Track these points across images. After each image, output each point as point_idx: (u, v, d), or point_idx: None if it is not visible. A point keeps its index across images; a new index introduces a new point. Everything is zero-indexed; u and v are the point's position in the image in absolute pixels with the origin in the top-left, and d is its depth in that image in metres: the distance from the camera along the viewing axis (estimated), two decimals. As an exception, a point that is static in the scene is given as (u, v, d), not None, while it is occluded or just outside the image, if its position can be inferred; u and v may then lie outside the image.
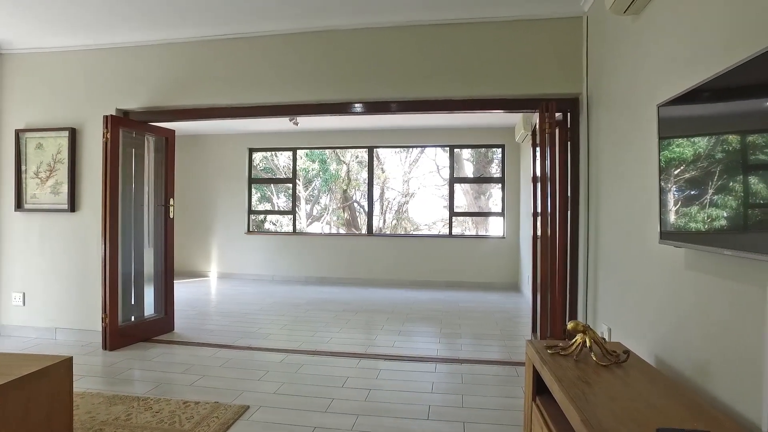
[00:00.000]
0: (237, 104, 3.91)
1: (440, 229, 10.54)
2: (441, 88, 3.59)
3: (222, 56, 3.92)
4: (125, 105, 4.09)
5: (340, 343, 4.15)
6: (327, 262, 7.84)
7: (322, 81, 3.76)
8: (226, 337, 4.32)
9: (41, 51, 4.25)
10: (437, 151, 10.57)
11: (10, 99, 4.33)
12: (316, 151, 10.53)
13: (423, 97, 3.64)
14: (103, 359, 3.66)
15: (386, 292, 6.81)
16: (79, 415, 2.64)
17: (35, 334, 4.27)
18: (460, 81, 3.56)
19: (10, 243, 4.33)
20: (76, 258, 4.18)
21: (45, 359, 2.24)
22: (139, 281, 4.32)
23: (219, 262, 8.25)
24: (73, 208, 4.15)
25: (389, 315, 5.32)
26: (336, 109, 3.85)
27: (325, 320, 5.04)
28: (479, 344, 4.16)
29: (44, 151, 4.22)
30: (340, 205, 11.31)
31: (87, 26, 3.76)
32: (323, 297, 6.42)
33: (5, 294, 4.36)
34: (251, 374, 3.34)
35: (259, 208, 10.70)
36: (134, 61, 4.08)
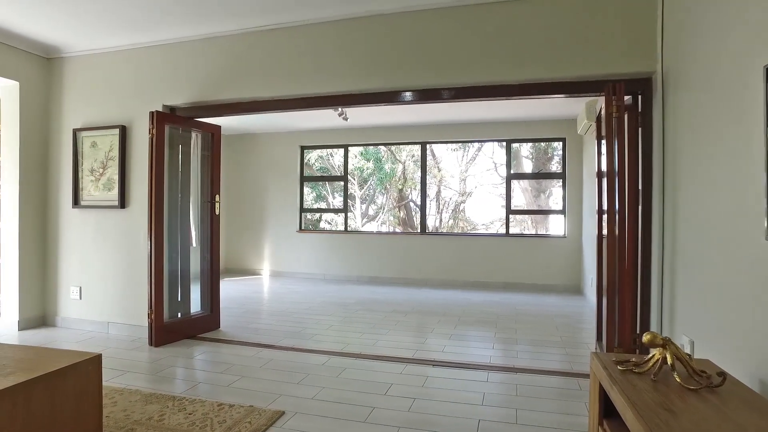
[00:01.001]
0: (279, 96, 3.80)
1: (498, 229, 10.12)
2: (494, 72, 3.29)
3: (263, 48, 3.81)
4: (171, 101, 4.08)
5: (387, 346, 3.93)
6: (379, 261, 7.67)
7: (366, 69, 3.56)
8: (271, 336, 4.22)
9: (96, 52, 4.33)
10: (494, 148, 10.16)
11: (69, 100, 4.45)
12: (370, 150, 10.42)
13: (475, 83, 3.36)
14: (148, 355, 3.65)
15: (439, 293, 6.54)
16: (115, 412, 2.58)
17: (90, 328, 4.35)
18: (515, 63, 3.25)
19: (68, 238, 4.45)
20: (126, 254, 4.22)
21: (74, 355, 2.17)
22: (186, 278, 4.31)
23: (271, 260, 8.28)
24: (123, 205, 4.20)
25: (441, 317, 5.05)
26: (382, 98, 3.63)
27: (373, 321, 4.85)
28: (537, 352, 3.82)
29: (98, 149, 4.29)
30: (395, 204, 11.13)
31: (136, 25, 3.77)
32: (374, 297, 6.24)
33: (64, 288, 4.48)
34: (291, 377, 3.19)
35: (315, 206, 10.72)
36: (179, 56, 4.06)
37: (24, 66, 4.33)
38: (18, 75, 4.29)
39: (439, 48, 3.39)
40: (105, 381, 3.08)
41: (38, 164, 4.48)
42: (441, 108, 6.32)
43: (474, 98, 3.47)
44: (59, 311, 4.50)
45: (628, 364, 1.58)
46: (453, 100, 3.55)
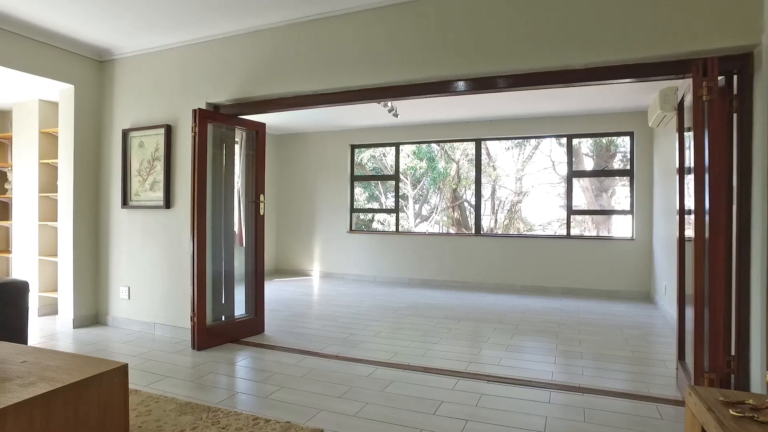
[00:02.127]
0: (323, 90, 3.60)
1: (556, 230, 9.56)
2: (555, 55, 2.93)
3: (307, 40, 3.63)
4: (215, 98, 3.98)
5: (438, 357, 3.65)
6: (431, 263, 7.38)
7: (414, 58, 3.29)
8: (315, 342, 4.04)
9: (144, 52, 4.32)
10: (552, 145, 9.61)
11: (119, 100, 4.48)
12: (423, 149, 10.14)
13: (534, 69, 3.01)
14: (189, 359, 3.55)
15: (494, 298, 6.16)
16: (148, 422, 2.46)
17: (138, 328, 4.34)
18: (579, 45, 2.87)
19: (118, 239, 4.47)
20: (171, 255, 4.17)
21: (99, 364, 2.05)
22: (230, 280, 4.21)
23: (321, 261, 8.17)
24: (168, 205, 4.15)
25: (496, 325, 4.70)
26: (432, 89, 3.35)
27: (423, 328, 4.57)
28: (605, 368, 3.41)
29: (145, 149, 4.27)
30: (449, 204, 10.81)
31: (182, 22, 3.70)
32: (425, 301, 5.95)
33: (114, 287, 4.50)
34: (333, 389, 2.97)
35: (368, 206, 10.57)
36: (223, 53, 3.96)
37: (79, 69, 4.39)
38: (73, 78, 4.35)
39: (495, 31, 3.07)
40: (144, 386, 2.99)
41: (91, 165, 4.53)
42: (496, 102, 5.95)
43: (533, 86, 3.13)
44: (110, 310, 4.53)
45: (744, 407, 1.23)
46: (510, 89, 3.21)
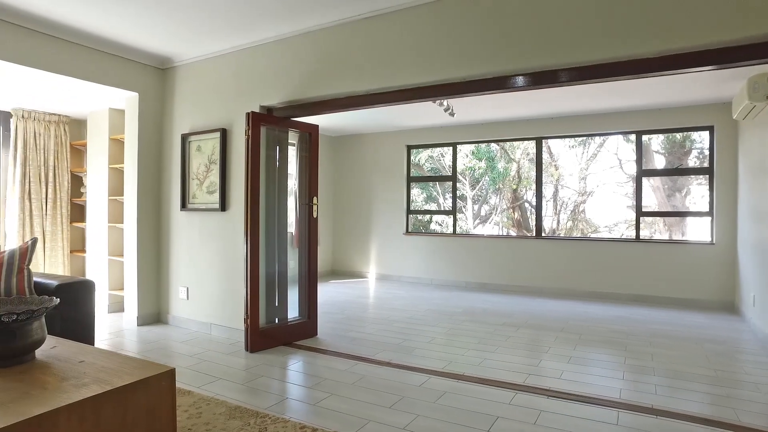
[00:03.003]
0: (376, 90, 3.51)
1: (623, 232, 8.99)
2: (624, 44, 2.68)
3: (359, 39, 3.55)
4: (268, 101, 4.00)
5: (495, 368, 3.46)
6: (489, 266, 7.13)
7: (470, 54, 3.13)
8: (368, 347, 3.96)
9: (201, 58, 4.42)
10: (619, 142, 9.04)
11: (179, 106, 4.61)
12: (482, 148, 9.88)
13: (599, 60, 2.77)
14: (242, 361, 3.57)
15: (556, 305, 5.85)
16: (198, 425, 2.46)
17: (195, 328, 4.45)
18: (651, 31, 2.60)
19: (177, 240, 4.61)
20: (226, 257, 4.24)
21: (148, 368, 2.05)
22: (283, 283, 4.21)
23: (377, 263, 8.12)
24: (223, 208, 4.22)
25: (558, 334, 4.43)
26: (488, 85, 3.18)
27: (480, 335, 4.38)
28: (682, 388, 3.09)
29: (202, 152, 4.37)
30: (509, 205, 10.47)
31: (236, 28, 3.74)
32: (483, 306, 5.74)
33: (174, 288, 4.64)
34: (383, 399, 2.87)
35: (425, 208, 10.43)
36: (275, 55, 3.97)
37: (143, 78, 4.56)
38: (137, 86, 4.53)
39: (555, 20, 2.86)
40: (197, 387, 3.02)
41: (153, 169, 4.70)
42: (557, 98, 5.64)
43: (598, 79, 2.87)
44: (170, 310, 4.68)
45: None
46: (572, 83, 2.98)
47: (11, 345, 2.05)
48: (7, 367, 2.06)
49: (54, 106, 5.08)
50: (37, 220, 5.22)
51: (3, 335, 2.04)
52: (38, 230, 5.22)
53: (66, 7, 3.38)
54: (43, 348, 2.33)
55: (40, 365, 2.10)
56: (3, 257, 3.29)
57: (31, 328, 2.12)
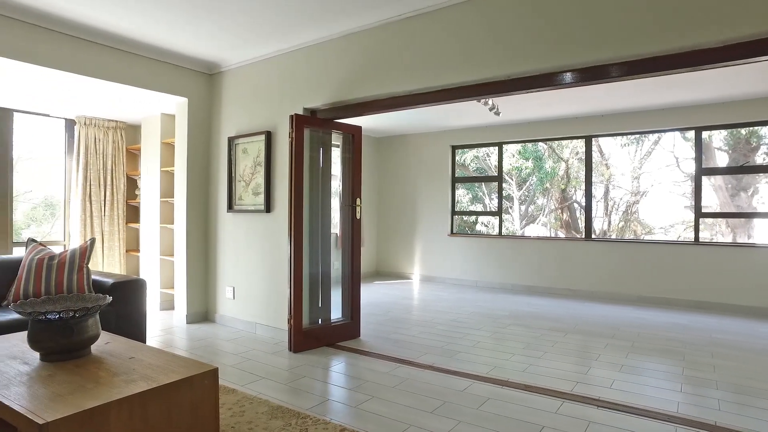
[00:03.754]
0: (419, 90, 3.47)
1: (681, 234, 8.54)
2: (681, 34, 2.52)
3: (400, 39, 3.53)
4: (311, 103, 4.03)
5: (541, 374, 3.35)
6: (536, 268, 6.94)
7: (514, 50, 3.04)
8: (411, 350, 3.92)
9: (247, 63, 4.52)
10: (676, 139, 8.61)
11: (226, 109, 4.74)
12: (529, 148, 9.66)
13: (655, 53, 2.62)
14: (285, 361, 3.61)
15: (607, 309, 5.61)
16: (241, 424, 2.50)
17: (241, 327, 4.55)
18: (712, 17, 2.44)
19: (224, 241, 4.73)
20: (271, 258, 4.31)
21: (192, 367, 2.10)
22: (327, 284, 4.23)
23: (422, 264, 8.06)
24: (268, 209, 4.29)
25: (609, 340, 4.24)
26: (535, 82, 3.07)
27: (526, 340, 4.26)
28: (750, 405, 2.88)
29: (248, 155, 4.46)
30: (558, 205, 10.17)
31: (279, 31, 3.80)
32: (529, 310, 5.58)
33: (221, 287, 4.77)
34: (425, 403, 2.83)
35: (471, 209, 10.29)
36: (318, 58, 4.00)
37: (192, 83, 4.72)
38: (187, 92, 4.68)
39: (605, 12, 2.73)
40: (241, 386, 3.08)
41: (201, 171, 4.85)
42: (608, 95, 5.41)
43: (652, 72, 2.72)
44: (217, 309, 4.81)
45: None
46: (625, 78, 2.83)
47: (69, 340, 2.15)
48: (66, 361, 2.17)
49: (112, 113, 5.33)
50: (97, 221, 5.49)
51: (62, 331, 2.14)
52: (97, 230, 5.50)
53: (127, 20, 3.54)
54: (98, 343, 2.44)
55: (94, 360, 2.19)
56: (65, 256, 3.48)
57: (86, 324, 2.22)
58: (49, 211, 7.77)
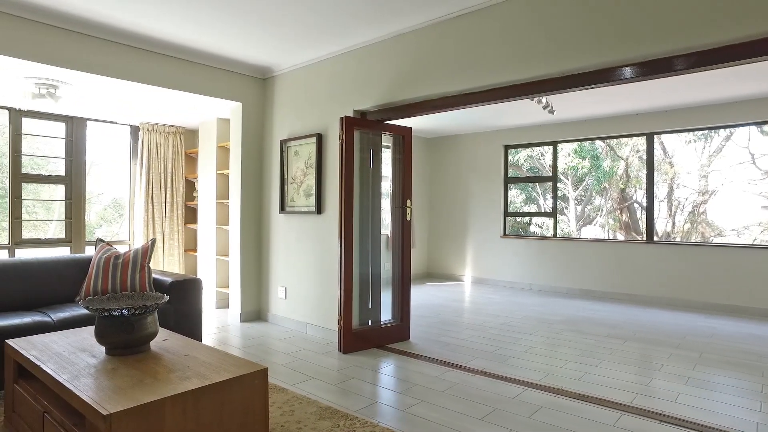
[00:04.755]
0: (470, 89, 3.40)
1: (756, 237, 7.95)
2: (756, 20, 2.33)
3: (450, 38, 3.47)
4: (361, 105, 4.05)
5: (597, 383, 3.20)
6: (593, 272, 6.66)
7: (568, 46, 2.92)
8: (461, 354, 3.86)
9: (298, 66, 4.60)
10: (752, 134, 8.02)
11: (278, 113, 4.84)
12: (586, 146, 9.31)
13: (726, 41, 2.43)
14: (335, 362, 3.64)
15: (670, 317, 5.30)
16: (290, 423, 2.53)
17: (292, 326, 4.63)
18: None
19: (276, 242, 4.83)
20: (322, 258, 4.36)
21: (243, 366, 2.15)
22: (377, 285, 4.24)
23: (473, 266, 7.93)
24: (319, 210, 4.34)
25: (673, 350, 4.00)
26: (591, 78, 2.93)
27: (582, 346, 4.09)
28: (834, 421, 2.63)
29: (299, 157, 4.54)
30: (616, 206, 9.74)
31: (329, 35, 3.84)
32: (585, 315, 5.36)
33: (273, 287, 4.88)
34: (475, 409, 2.76)
35: (524, 209, 10.05)
36: (367, 59, 4.01)
37: (246, 88, 4.86)
38: (241, 97, 4.83)
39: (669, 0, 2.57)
40: (291, 385, 3.13)
41: (255, 174, 4.98)
42: (673, 88, 5.10)
43: (723, 63, 2.53)
44: (270, 308, 4.92)
45: None
46: (691, 70, 2.65)
47: (130, 336, 2.26)
48: (127, 356, 2.28)
49: (172, 118, 5.58)
50: (158, 222, 5.76)
51: (124, 327, 2.25)
52: (158, 231, 5.77)
53: (186, 30, 3.69)
54: (157, 340, 2.54)
55: (153, 356, 2.29)
56: (129, 256, 3.66)
57: (146, 321, 2.32)
58: (117, 212, 8.25)
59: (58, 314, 3.16)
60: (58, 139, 5.31)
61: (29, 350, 2.36)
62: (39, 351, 2.35)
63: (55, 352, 2.32)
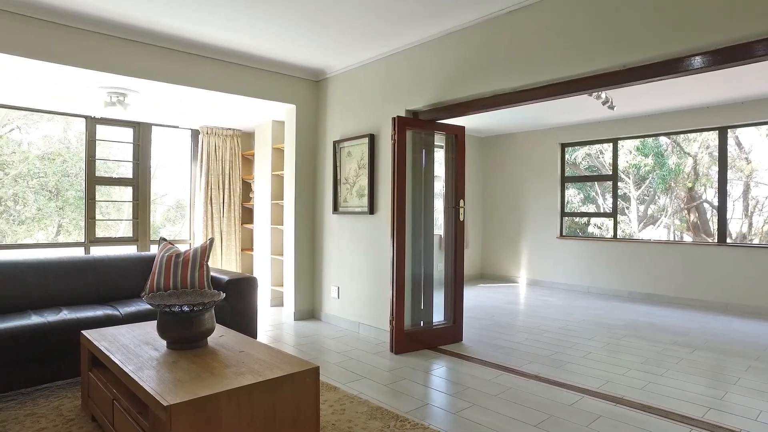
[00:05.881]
0: (524, 86, 3.30)
1: None
2: None
3: (502, 34, 3.38)
4: (413, 105, 4.03)
5: (663, 394, 3.01)
6: (658, 275, 6.31)
7: (629, 36, 2.77)
8: (515, 357, 3.75)
9: (351, 68, 4.64)
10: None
11: (331, 114, 4.91)
12: (649, 143, 8.85)
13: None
14: (386, 362, 3.63)
15: (747, 325, 4.92)
16: (341, 422, 2.55)
17: (345, 326, 4.67)
18: None
19: (329, 242, 4.90)
20: (374, 259, 4.37)
21: (295, 364, 2.17)
22: (429, 286, 4.20)
23: (528, 267, 7.72)
24: (372, 211, 4.36)
25: (751, 362, 3.71)
26: (655, 71, 2.77)
27: (645, 354, 3.87)
28: None
29: (352, 158, 4.58)
30: (683, 206, 9.19)
31: (382, 35, 3.84)
32: (648, 320, 5.09)
33: (326, 286, 4.94)
34: (529, 415, 2.67)
35: (582, 209, 9.68)
36: (419, 58, 3.98)
37: (299, 91, 4.95)
38: (295, 99, 4.93)
39: (746, -15, 2.38)
40: (342, 384, 3.15)
41: (308, 175, 5.07)
42: (749, 77, 4.74)
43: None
44: (323, 307, 4.99)
45: None
46: (771, 57, 2.45)
47: (189, 331, 2.35)
48: (186, 350, 2.37)
49: (229, 121, 5.78)
50: (216, 222, 5.99)
51: (183, 322, 2.34)
52: (217, 230, 5.99)
53: (240, 35, 3.81)
54: (213, 336, 2.63)
55: (210, 351, 2.36)
56: (189, 254, 3.82)
57: (203, 318, 2.40)
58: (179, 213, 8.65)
59: (126, 308, 3.34)
60: (127, 144, 5.63)
61: (100, 341, 2.51)
62: (108, 342, 2.49)
63: (123, 344, 2.45)
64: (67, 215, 7.76)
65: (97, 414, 2.48)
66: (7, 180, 7.61)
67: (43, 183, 7.73)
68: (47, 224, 7.74)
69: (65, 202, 7.79)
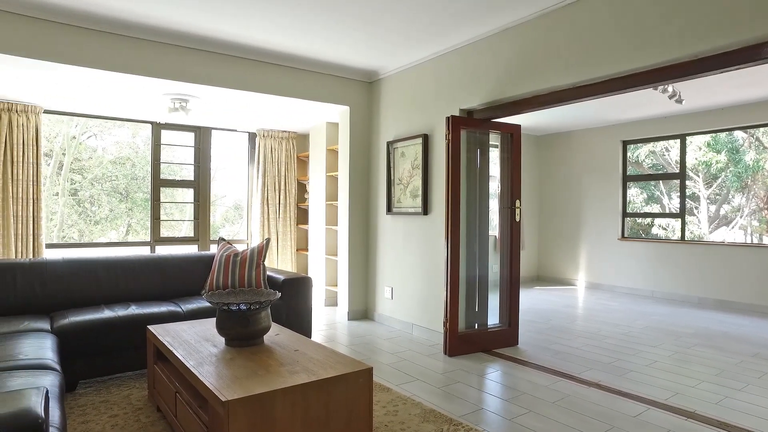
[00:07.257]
0: (582, 82, 3.16)
1: None
2: None
3: (559, 28, 3.26)
4: (467, 104, 3.96)
5: (741, 410, 2.80)
6: (732, 280, 5.89)
7: (701, 23, 2.59)
8: (573, 364, 3.61)
9: (403, 68, 4.63)
10: None
11: (384, 115, 4.92)
12: (722, 138, 8.28)
13: None
14: (440, 365, 3.59)
15: (836, 336, 4.50)
16: (394, 423, 2.53)
17: (398, 326, 4.66)
18: None
19: (383, 242, 4.90)
20: (428, 260, 4.33)
21: (349, 365, 2.18)
22: (484, 288, 4.12)
23: (587, 270, 7.42)
24: (425, 211, 4.32)
25: (840, 375, 3.38)
26: (730, 60, 2.57)
27: (718, 365, 3.62)
28: None
29: (406, 158, 4.56)
30: (762, 205, 8.55)
31: (433, 34, 3.81)
32: (722, 329, 4.75)
33: (380, 286, 4.95)
34: (588, 425, 2.55)
35: (646, 209, 9.22)
36: (472, 57, 3.91)
37: (353, 92, 5.00)
38: (349, 101, 4.98)
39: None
40: (396, 385, 3.14)
41: (362, 176, 5.10)
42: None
43: None
44: (376, 308, 5.00)
45: None
46: None
47: (246, 329, 2.41)
48: (244, 348, 2.43)
49: (285, 124, 5.92)
50: (272, 222, 6.15)
51: (240, 320, 2.40)
52: (273, 231, 6.15)
53: (298, 40, 3.89)
54: (269, 334, 2.68)
55: (266, 349, 2.41)
56: (246, 254, 3.93)
57: (260, 316, 2.46)
58: (237, 213, 8.96)
59: (187, 305, 3.48)
60: (188, 148, 5.88)
61: (164, 336, 2.62)
62: (172, 337, 2.60)
63: (184, 340, 2.55)
64: (135, 216, 8.22)
65: (161, 405, 2.60)
66: (85, 183, 8.16)
67: (115, 186, 8.23)
68: (118, 224, 8.25)
69: (134, 204, 8.26)
